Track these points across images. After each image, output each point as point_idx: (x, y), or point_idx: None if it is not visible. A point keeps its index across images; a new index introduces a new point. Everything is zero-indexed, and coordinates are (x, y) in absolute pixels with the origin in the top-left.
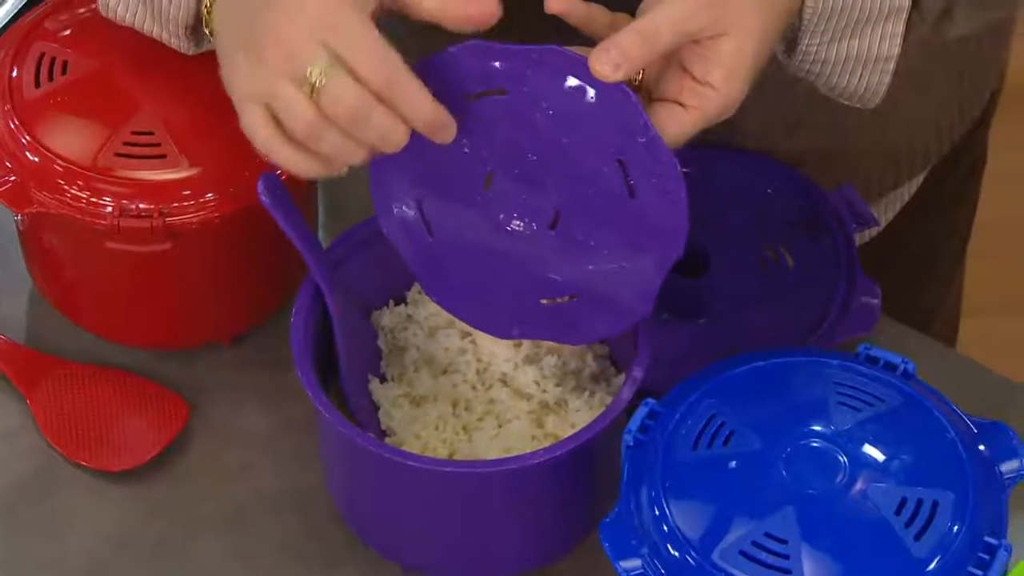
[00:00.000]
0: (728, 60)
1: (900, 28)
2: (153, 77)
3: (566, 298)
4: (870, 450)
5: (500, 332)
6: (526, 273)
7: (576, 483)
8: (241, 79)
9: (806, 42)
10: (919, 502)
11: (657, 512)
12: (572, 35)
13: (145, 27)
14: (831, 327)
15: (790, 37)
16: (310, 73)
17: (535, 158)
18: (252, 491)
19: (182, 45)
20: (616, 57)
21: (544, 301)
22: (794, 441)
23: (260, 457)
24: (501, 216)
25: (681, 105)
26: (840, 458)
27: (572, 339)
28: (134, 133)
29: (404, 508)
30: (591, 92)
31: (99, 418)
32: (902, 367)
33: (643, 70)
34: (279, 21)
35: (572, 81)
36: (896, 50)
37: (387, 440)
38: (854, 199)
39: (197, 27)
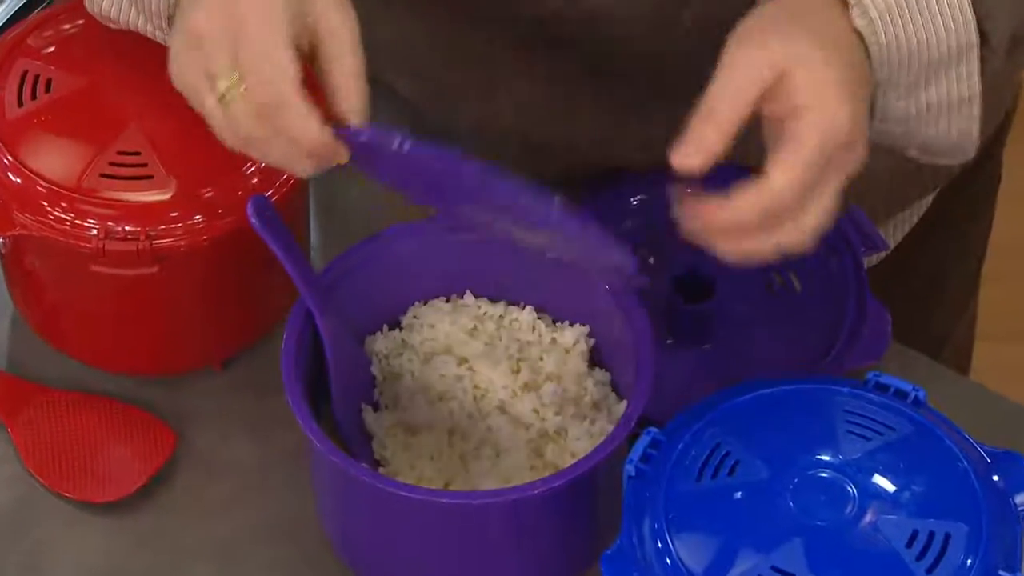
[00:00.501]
0: (811, 76)
1: (975, 66)
2: (139, 95)
3: None
4: (880, 480)
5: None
6: None
7: (576, 514)
8: (174, 67)
9: (882, 100)
10: (931, 534)
11: (660, 545)
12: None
13: (131, 21)
14: (840, 354)
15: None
16: (220, 87)
17: None
18: (241, 523)
19: (167, 38)
20: (689, 149)
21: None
22: (802, 471)
23: (249, 487)
24: None
25: (795, 139)
26: (849, 489)
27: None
28: (120, 153)
29: (398, 540)
30: None
31: (83, 447)
32: (913, 395)
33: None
34: (210, 15)
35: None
36: (976, 88)
37: (381, 470)
38: (862, 221)
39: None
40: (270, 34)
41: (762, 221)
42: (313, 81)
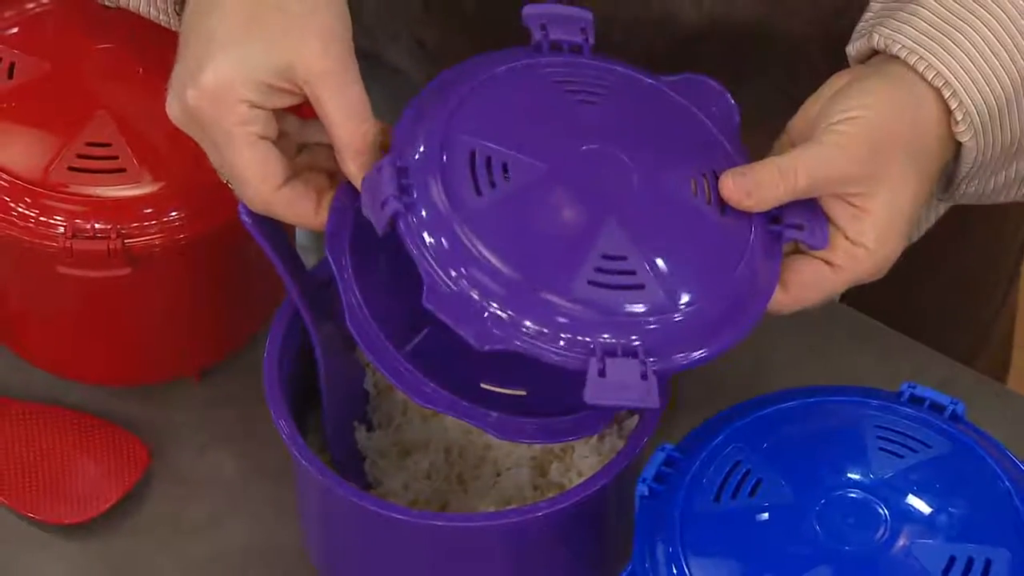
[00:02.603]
0: (882, 222)
1: None
2: (110, 81)
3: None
4: (914, 502)
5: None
6: None
7: (583, 538)
8: (171, 115)
9: (964, 187)
10: (970, 560)
11: (675, 570)
12: None
13: (132, 4)
14: None
15: (944, 180)
16: (223, 176)
17: None
18: (220, 546)
19: (172, 22)
20: (749, 185)
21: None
22: (829, 491)
23: (229, 507)
24: None
25: (828, 264)
26: (880, 511)
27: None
28: (89, 144)
29: (390, 566)
30: None
31: (49, 464)
32: (951, 409)
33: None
34: (196, 104)
35: None
36: None
37: (372, 491)
38: None
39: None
40: (238, 138)
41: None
42: None
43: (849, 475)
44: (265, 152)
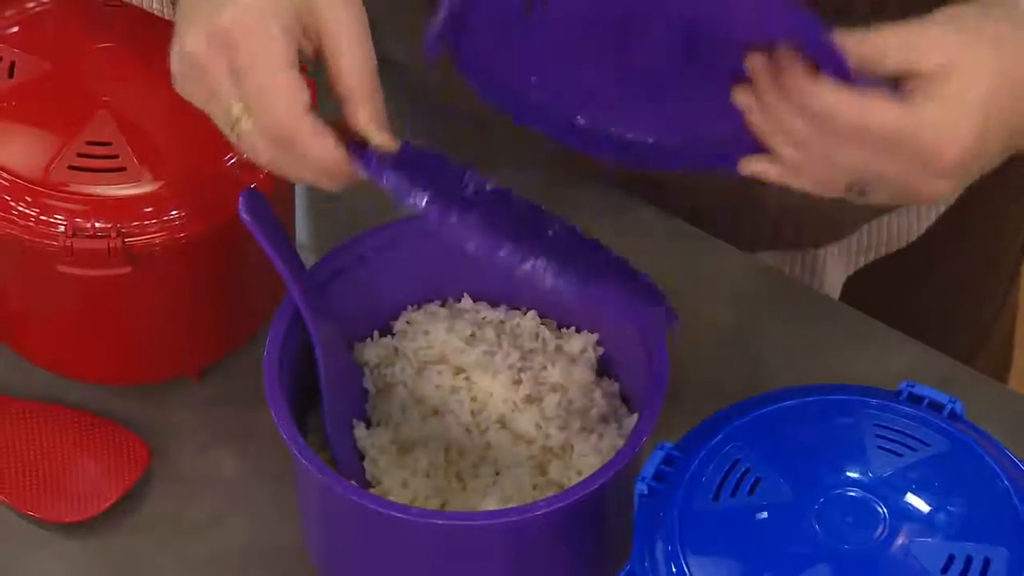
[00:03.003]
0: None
1: None
2: (111, 80)
3: None
4: (913, 500)
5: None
6: None
7: (583, 537)
8: (178, 86)
9: None
10: (968, 559)
11: (674, 569)
12: None
13: None
14: None
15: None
16: (230, 116)
17: None
18: (220, 545)
19: (165, 11)
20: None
21: None
22: (827, 490)
23: (229, 507)
24: None
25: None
26: (879, 509)
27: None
28: (89, 143)
29: (390, 565)
30: None
31: (49, 463)
32: (949, 407)
33: None
34: (209, 44)
35: None
36: None
37: (372, 490)
38: None
39: None
40: (268, 61)
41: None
42: None
43: (848, 474)
44: (296, 76)
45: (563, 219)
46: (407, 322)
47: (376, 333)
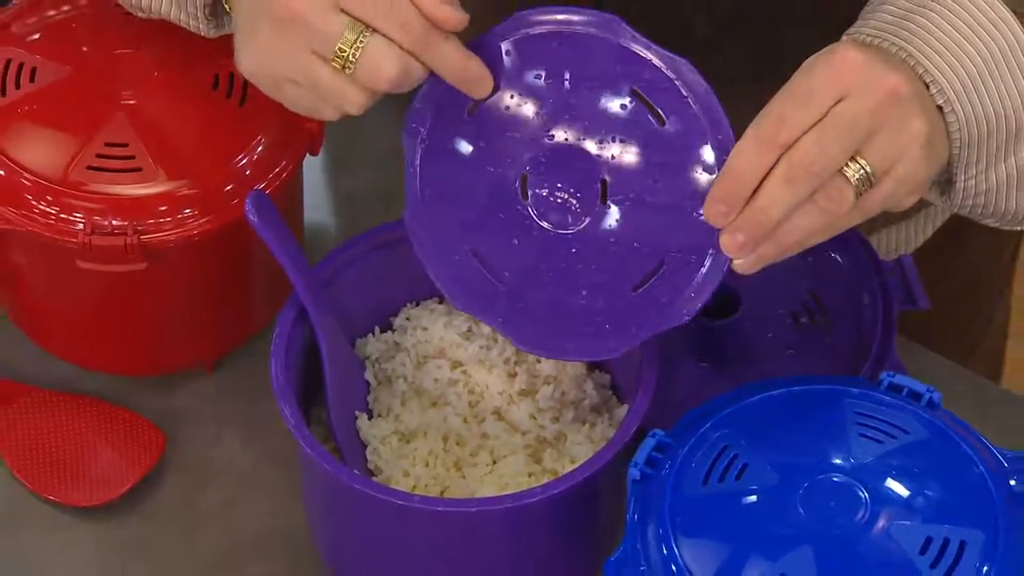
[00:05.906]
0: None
1: None
2: (128, 84)
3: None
4: (893, 485)
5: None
6: (613, 267)
7: (577, 522)
8: (258, 57)
9: (963, 177)
10: (945, 541)
11: (665, 551)
12: None
13: (163, 10)
14: None
15: (944, 179)
16: (340, 49)
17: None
18: (232, 530)
19: (201, 27)
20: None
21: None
22: (812, 475)
23: (242, 493)
24: (554, 219)
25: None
26: (861, 494)
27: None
28: (107, 145)
29: (392, 549)
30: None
31: (69, 450)
32: (927, 396)
33: None
34: None
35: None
36: None
37: (374, 478)
38: (910, 275)
39: (216, 5)
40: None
41: (788, 173)
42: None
43: (831, 460)
44: None
45: None
46: (406, 318)
47: (377, 328)
